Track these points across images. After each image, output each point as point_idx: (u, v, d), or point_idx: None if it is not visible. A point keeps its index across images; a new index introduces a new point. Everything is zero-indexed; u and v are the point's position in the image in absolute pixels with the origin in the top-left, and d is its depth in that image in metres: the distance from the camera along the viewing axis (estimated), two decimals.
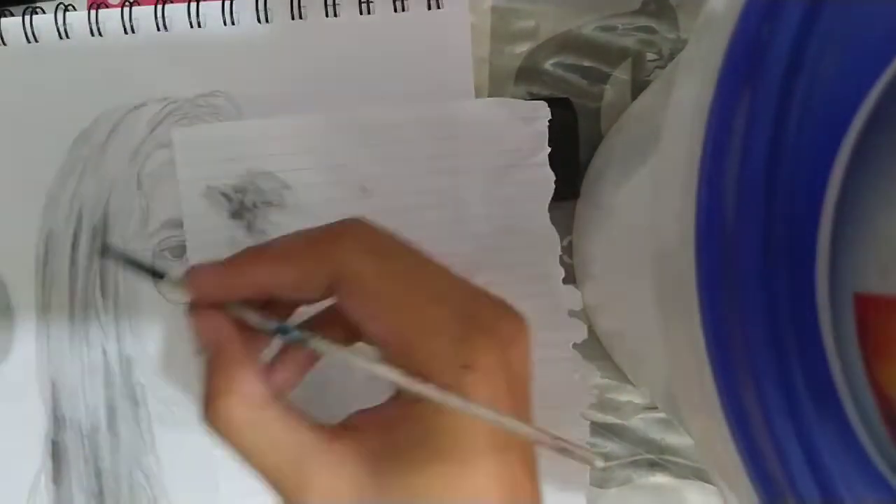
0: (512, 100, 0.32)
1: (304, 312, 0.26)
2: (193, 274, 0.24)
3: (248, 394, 0.23)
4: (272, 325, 0.24)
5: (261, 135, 0.32)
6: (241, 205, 0.32)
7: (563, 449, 0.22)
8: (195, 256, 0.32)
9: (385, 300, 0.23)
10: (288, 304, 0.26)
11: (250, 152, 0.32)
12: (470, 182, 0.30)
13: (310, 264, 0.23)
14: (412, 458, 0.22)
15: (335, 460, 0.23)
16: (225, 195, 0.32)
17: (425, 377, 0.22)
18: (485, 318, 0.23)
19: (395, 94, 0.33)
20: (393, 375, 0.23)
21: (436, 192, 0.32)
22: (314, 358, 0.26)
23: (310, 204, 0.32)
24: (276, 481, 0.23)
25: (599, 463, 0.23)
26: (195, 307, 0.24)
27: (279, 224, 0.32)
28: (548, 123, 0.32)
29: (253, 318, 0.24)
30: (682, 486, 0.34)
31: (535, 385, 0.29)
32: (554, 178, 0.32)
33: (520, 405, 0.24)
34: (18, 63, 0.32)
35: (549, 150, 0.32)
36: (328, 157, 0.32)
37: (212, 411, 0.23)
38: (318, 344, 0.24)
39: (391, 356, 0.23)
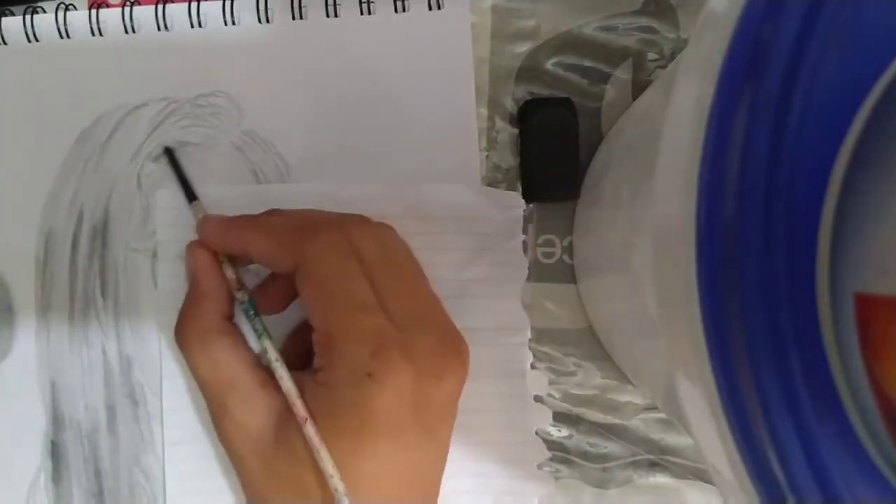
0: (489, 189, 0.33)
1: None
2: (202, 221, 0.30)
3: (205, 319, 0.28)
4: (241, 294, 0.29)
5: (219, 210, 0.32)
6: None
7: None
8: (167, 316, 0.32)
9: (325, 296, 0.26)
10: (285, 286, 0.29)
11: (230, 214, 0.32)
12: (446, 261, 0.30)
13: (282, 243, 0.27)
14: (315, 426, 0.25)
15: (256, 402, 0.27)
16: None
17: (335, 371, 0.25)
18: (418, 345, 0.26)
19: (395, 95, 0.33)
20: (284, 385, 0.27)
21: None
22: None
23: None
24: (207, 401, 0.28)
25: None
26: (191, 242, 0.30)
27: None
28: (547, 124, 0.32)
29: (231, 273, 0.29)
30: (682, 486, 0.34)
31: (497, 468, 0.32)
32: (527, 263, 0.33)
33: (427, 436, 0.26)
34: (19, 63, 0.32)
35: (523, 237, 0.33)
36: None
37: (179, 327, 0.29)
38: (257, 325, 0.28)
39: (316, 347, 0.26)
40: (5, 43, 0.32)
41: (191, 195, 0.31)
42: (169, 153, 0.32)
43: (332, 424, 0.25)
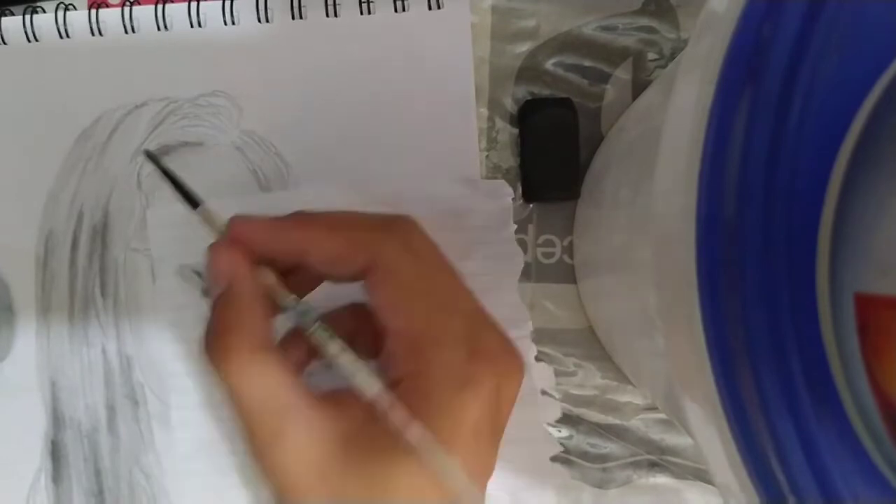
0: (475, 179, 0.32)
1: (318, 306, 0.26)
2: (235, 221, 0.25)
3: (253, 332, 0.24)
4: (290, 298, 0.25)
5: (235, 213, 0.31)
6: None
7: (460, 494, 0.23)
8: (166, 334, 0.32)
9: (412, 297, 0.24)
10: (310, 280, 0.26)
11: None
12: None
13: (353, 242, 0.24)
14: (381, 449, 0.23)
15: (314, 425, 0.23)
16: (198, 273, 0.32)
17: (427, 380, 0.23)
18: (491, 347, 0.24)
19: (395, 95, 0.33)
20: (366, 384, 0.23)
21: None
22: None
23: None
24: (252, 426, 0.24)
25: None
26: (217, 244, 0.25)
27: None
28: (547, 124, 0.32)
29: (273, 281, 0.25)
30: (682, 486, 0.34)
31: (511, 465, 0.31)
32: (522, 254, 0.32)
33: (493, 440, 0.24)
34: (19, 63, 0.32)
35: (515, 226, 0.32)
36: None
37: (214, 343, 0.24)
38: (320, 332, 0.24)
39: (399, 353, 0.24)
40: (5, 43, 0.32)
41: (193, 202, 0.26)
42: (153, 158, 0.27)
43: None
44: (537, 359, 0.33)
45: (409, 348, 0.24)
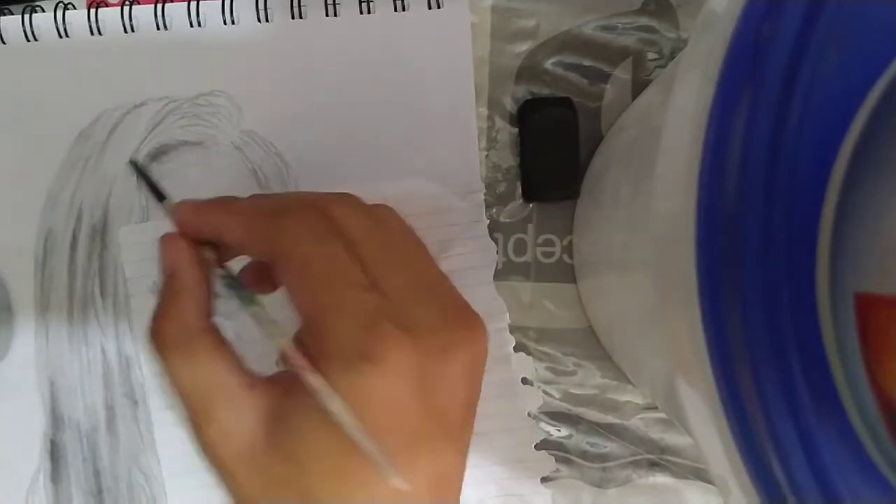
0: (445, 179, 0.32)
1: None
2: (176, 207, 0.27)
3: (185, 318, 0.25)
4: (222, 272, 0.26)
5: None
6: None
7: (375, 462, 0.22)
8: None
9: (306, 275, 0.24)
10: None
11: None
12: None
13: (254, 230, 0.25)
14: (303, 425, 0.23)
15: (242, 406, 0.24)
16: None
17: (326, 358, 0.23)
18: (419, 319, 0.23)
19: (395, 95, 0.33)
20: (278, 341, 0.24)
21: None
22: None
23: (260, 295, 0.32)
24: (186, 406, 0.25)
25: (403, 486, 0.22)
26: (165, 235, 0.26)
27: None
28: (547, 124, 0.32)
29: (209, 255, 0.26)
30: (682, 486, 0.34)
31: (496, 455, 0.31)
32: (496, 248, 0.33)
33: (437, 424, 0.23)
34: (18, 62, 0.32)
35: (487, 221, 0.33)
36: None
37: (153, 328, 0.25)
38: (243, 298, 0.26)
39: (304, 332, 0.24)
40: (4, 42, 0.32)
41: (159, 195, 0.28)
42: (135, 164, 0.29)
43: (329, 421, 0.23)
44: (515, 349, 0.33)
45: (310, 328, 0.24)
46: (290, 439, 0.24)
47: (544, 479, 0.33)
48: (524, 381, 0.33)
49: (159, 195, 0.28)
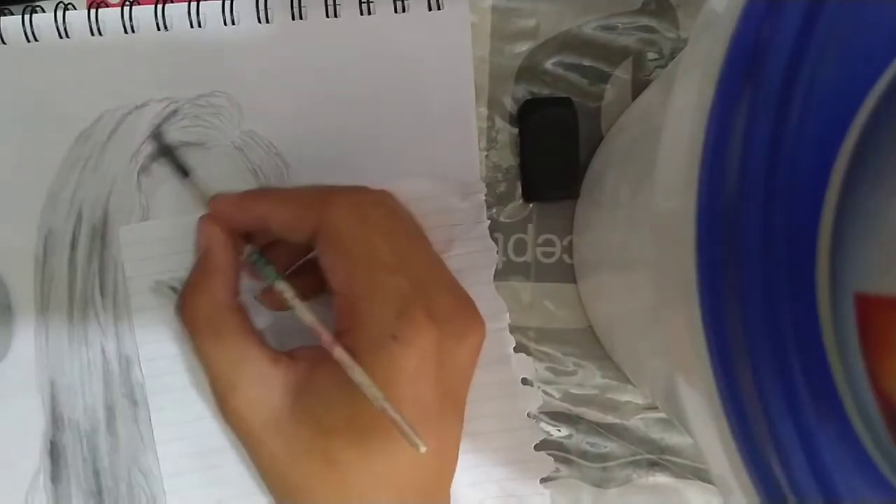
0: (446, 180, 0.32)
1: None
2: (215, 198, 0.29)
3: (215, 294, 0.27)
4: (249, 249, 0.28)
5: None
6: None
7: (399, 427, 0.24)
8: (147, 350, 0.32)
9: (349, 258, 0.26)
10: (293, 252, 0.30)
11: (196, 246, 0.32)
12: None
13: (301, 210, 0.27)
14: (328, 395, 0.25)
15: (267, 378, 0.26)
16: (173, 289, 0.32)
17: (360, 335, 0.25)
18: (439, 306, 0.26)
19: (395, 95, 0.33)
20: (307, 318, 0.26)
21: None
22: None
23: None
24: (213, 377, 0.27)
25: (422, 448, 0.24)
26: (202, 217, 0.29)
27: None
28: (547, 124, 0.32)
29: (238, 239, 0.29)
30: (682, 486, 0.34)
31: (496, 455, 0.32)
32: (496, 248, 0.33)
33: (447, 400, 0.26)
34: (18, 62, 0.32)
35: (488, 222, 0.33)
36: None
37: (182, 302, 0.28)
38: (269, 273, 0.28)
39: (339, 309, 0.26)
40: (4, 42, 0.32)
41: (184, 172, 0.31)
42: (158, 139, 0.32)
43: (352, 391, 0.24)
44: (515, 349, 0.33)
45: (345, 305, 0.26)
46: (316, 408, 0.25)
47: (544, 480, 0.33)
48: (524, 381, 0.33)
49: (184, 171, 0.30)
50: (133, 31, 0.32)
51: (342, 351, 0.25)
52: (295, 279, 0.28)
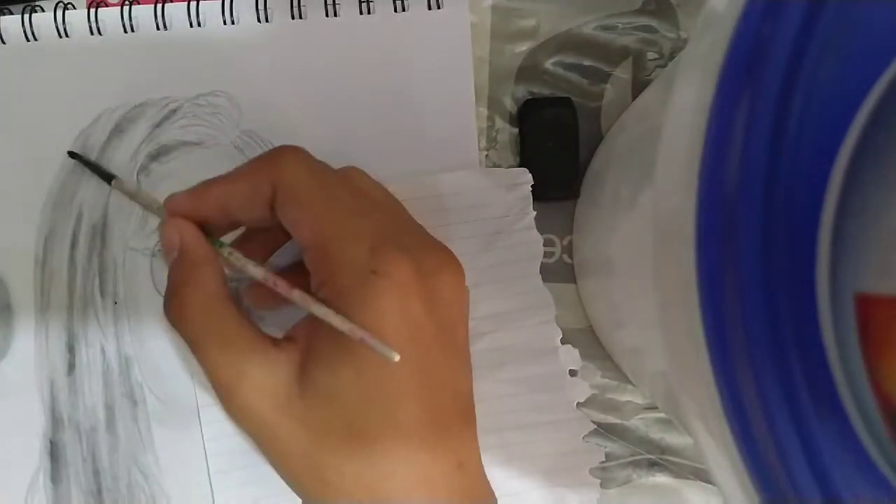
0: (495, 169, 0.33)
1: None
2: (169, 199, 0.27)
3: (206, 285, 0.26)
4: (217, 243, 0.28)
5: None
6: None
7: (368, 344, 0.24)
8: (166, 333, 0.32)
9: (312, 207, 0.25)
10: (262, 241, 0.29)
11: None
12: (460, 252, 0.29)
13: (254, 178, 0.26)
14: (328, 358, 0.25)
15: (271, 363, 0.25)
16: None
17: (339, 277, 0.24)
18: (409, 244, 0.25)
19: (395, 95, 0.33)
20: (258, 273, 0.26)
21: None
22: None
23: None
24: (214, 371, 0.26)
25: (395, 357, 0.23)
26: (161, 223, 0.28)
27: None
28: (547, 124, 0.32)
29: (203, 233, 0.27)
30: (682, 486, 0.34)
31: (544, 447, 0.31)
32: (542, 240, 0.32)
33: (446, 335, 0.25)
34: (18, 62, 0.32)
35: (534, 213, 0.32)
36: None
37: (170, 302, 0.26)
38: (237, 258, 0.27)
39: (313, 264, 0.25)
40: (4, 42, 0.32)
41: (107, 176, 0.31)
42: (76, 155, 0.32)
43: (352, 349, 0.24)
44: (562, 341, 0.32)
45: (318, 256, 0.25)
46: (322, 378, 0.25)
47: (593, 469, 0.33)
48: (572, 373, 0.33)
49: (107, 176, 0.31)
50: (133, 31, 0.32)
51: (300, 292, 0.24)
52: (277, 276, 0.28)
